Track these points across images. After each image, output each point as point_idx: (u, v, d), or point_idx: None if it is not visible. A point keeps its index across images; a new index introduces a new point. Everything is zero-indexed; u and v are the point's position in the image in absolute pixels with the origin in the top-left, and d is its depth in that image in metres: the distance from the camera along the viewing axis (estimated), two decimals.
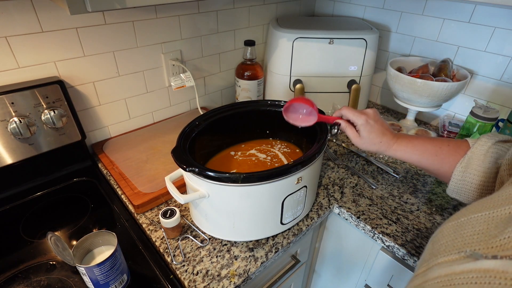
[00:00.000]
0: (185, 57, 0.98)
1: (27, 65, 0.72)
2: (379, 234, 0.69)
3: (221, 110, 0.75)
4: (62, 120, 0.74)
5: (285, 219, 0.65)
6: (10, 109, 0.67)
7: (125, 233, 0.68)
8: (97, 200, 0.76)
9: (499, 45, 0.90)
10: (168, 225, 0.63)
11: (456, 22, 0.96)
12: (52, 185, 0.79)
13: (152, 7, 0.84)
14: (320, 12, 1.31)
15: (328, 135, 0.67)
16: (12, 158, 0.71)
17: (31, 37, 0.70)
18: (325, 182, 0.84)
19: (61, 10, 0.71)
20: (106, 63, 0.83)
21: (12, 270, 0.58)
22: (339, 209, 0.76)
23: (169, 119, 1.04)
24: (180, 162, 0.56)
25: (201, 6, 0.94)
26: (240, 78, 1.03)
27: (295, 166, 0.57)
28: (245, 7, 1.06)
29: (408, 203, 0.77)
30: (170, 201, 0.75)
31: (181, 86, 0.97)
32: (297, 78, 1.03)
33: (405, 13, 1.06)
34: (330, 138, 1.01)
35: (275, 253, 0.64)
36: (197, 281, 0.58)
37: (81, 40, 0.76)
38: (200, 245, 0.65)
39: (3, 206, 0.73)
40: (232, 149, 0.81)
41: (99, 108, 0.87)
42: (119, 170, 0.80)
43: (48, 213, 0.72)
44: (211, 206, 0.61)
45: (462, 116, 1.05)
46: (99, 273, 0.50)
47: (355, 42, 0.99)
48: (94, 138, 0.90)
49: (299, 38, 0.98)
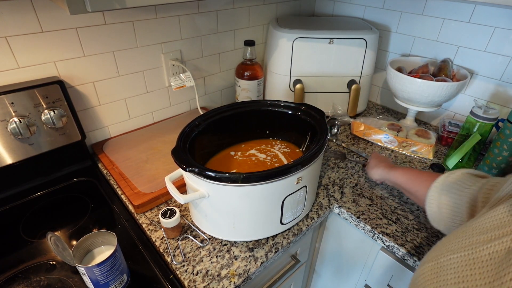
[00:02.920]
0: (185, 57, 0.98)
1: (27, 65, 0.72)
2: (379, 234, 0.69)
3: (221, 110, 0.75)
4: (62, 120, 0.74)
5: (285, 219, 0.65)
6: (10, 109, 0.67)
7: (125, 233, 0.68)
8: (97, 200, 0.76)
9: (499, 45, 0.90)
10: (168, 225, 0.63)
11: (456, 22, 0.96)
12: (52, 185, 0.79)
13: (152, 7, 0.84)
14: (320, 12, 1.31)
15: (328, 135, 0.67)
16: (12, 158, 0.71)
17: (31, 37, 0.70)
18: (325, 182, 0.84)
19: (61, 10, 0.71)
20: (106, 63, 0.83)
21: (12, 270, 0.58)
22: (339, 209, 0.76)
23: (169, 119, 1.04)
24: (180, 162, 0.56)
25: (201, 6, 0.94)
26: (240, 78, 1.03)
27: (295, 166, 0.57)
28: (245, 7, 1.06)
29: (408, 203, 0.77)
30: (170, 201, 0.75)
31: (181, 86, 0.97)
32: (297, 78, 1.03)
33: (405, 13, 1.06)
34: (330, 138, 1.01)
35: (275, 253, 0.64)
36: (197, 281, 0.58)
37: (81, 40, 0.76)
38: (200, 245, 0.65)
39: (3, 206, 0.73)
40: (232, 149, 0.81)
41: (99, 108, 0.87)
42: (119, 170, 0.80)
43: (48, 213, 0.72)
44: (211, 206, 0.61)
45: (462, 116, 1.05)
46: (99, 273, 0.50)
47: (355, 42, 0.99)
48: (94, 138, 0.90)
49: (299, 38, 0.98)
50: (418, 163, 0.91)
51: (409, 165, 0.90)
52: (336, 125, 1.03)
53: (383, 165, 0.75)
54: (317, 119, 0.71)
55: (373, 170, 0.77)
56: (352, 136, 1.03)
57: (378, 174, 0.76)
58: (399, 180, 0.68)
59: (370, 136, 1.00)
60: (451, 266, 0.33)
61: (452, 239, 0.36)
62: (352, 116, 1.08)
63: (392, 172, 0.71)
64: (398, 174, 0.69)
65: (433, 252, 0.37)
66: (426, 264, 0.37)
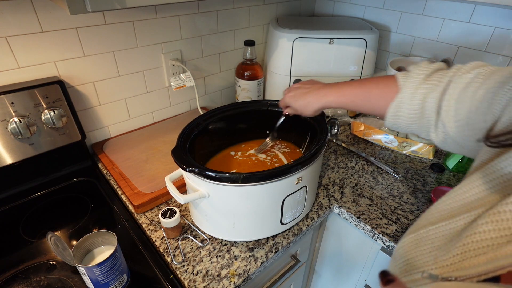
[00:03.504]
0: (185, 57, 0.98)
1: (27, 65, 0.72)
2: (379, 234, 0.69)
3: (221, 110, 0.75)
4: (62, 120, 0.74)
5: (285, 219, 0.65)
6: (10, 109, 0.67)
7: (125, 233, 0.68)
8: (97, 200, 0.76)
9: (499, 45, 0.90)
10: (168, 225, 0.63)
11: (456, 22, 0.96)
12: (52, 185, 0.79)
13: (152, 7, 0.84)
14: (320, 12, 1.31)
15: (328, 135, 0.67)
16: (12, 158, 0.71)
17: (31, 37, 0.70)
18: (325, 182, 0.84)
19: (61, 10, 0.71)
20: (106, 63, 0.83)
21: (12, 270, 0.58)
22: (339, 209, 0.76)
23: (169, 119, 1.04)
24: (180, 162, 0.56)
25: (201, 6, 0.94)
26: (240, 78, 1.03)
27: (295, 166, 0.57)
28: (245, 7, 1.06)
29: (408, 203, 0.77)
30: (170, 201, 0.75)
31: (181, 86, 0.97)
32: (297, 78, 1.03)
33: (405, 13, 1.06)
34: (330, 138, 1.01)
35: (275, 253, 0.64)
36: (197, 281, 0.58)
37: (81, 40, 0.76)
38: (200, 245, 0.65)
39: (3, 206, 0.73)
40: (232, 149, 0.81)
41: (99, 108, 0.87)
42: (119, 170, 0.80)
43: (48, 213, 0.72)
44: (211, 206, 0.61)
45: None
46: (99, 273, 0.50)
47: (355, 42, 0.99)
48: (94, 138, 0.90)
49: (299, 38, 0.98)
50: (418, 163, 0.91)
51: (409, 165, 0.90)
52: (336, 125, 1.03)
53: (317, 86, 0.63)
54: (317, 119, 0.71)
55: (302, 98, 0.63)
56: (352, 136, 1.03)
57: (308, 108, 0.62)
58: (346, 105, 0.58)
59: (370, 136, 1.00)
60: (430, 237, 0.34)
61: (433, 211, 0.37)
62: (352, 116, 1.08)
63: (324, 98, 0.60)
64: (339, 97, 0.59)
65: (414, 226, 0.38)
66: (406, 237, 0.38)
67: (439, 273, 0.30)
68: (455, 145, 0.46)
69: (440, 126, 0.46)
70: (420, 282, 0.31)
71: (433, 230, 0.34)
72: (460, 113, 0.42)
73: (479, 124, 0.39)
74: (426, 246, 0.34)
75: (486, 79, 0.40)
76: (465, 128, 0.42)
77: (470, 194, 0.34)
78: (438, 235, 0.33)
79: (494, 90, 0.37)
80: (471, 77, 0.42)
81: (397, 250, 0.38)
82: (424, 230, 0.35)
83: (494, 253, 0.26)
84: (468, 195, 0.34)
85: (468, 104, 0.41)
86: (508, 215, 0.27)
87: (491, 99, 0.37)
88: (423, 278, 0.31)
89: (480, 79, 0.41)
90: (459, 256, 0.29)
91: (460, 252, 0.29)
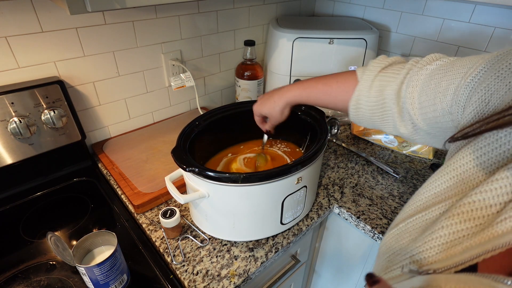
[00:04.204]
0: (185, 57, 0.98)
1: (27, 65, 0.72)
2: (379, 234, 0.69)
3: (221, 110, 0.75)
4: (62, 120, 0.74)
5: (285, 219, 0.65)
6: (10, 109, 0.67)
7: (125, 233, 0.68)
8: (97, 200, 0.76)
9: (499, 45, 0.90)
10: (168, 225, 0.63)
11: (456, 22, 0.96)
12: (52, 185, 0.79)
13: (152, 7, 0.84)
14: (320, 12, 1.31)
15: (328, 135, 0.67)
16: (12, 158, 0.71)
17: (31, 37, 0.70)
18: (325, 182, 0.84)
19: (61, 10, 0.71)
20: (106, 63, 0.83)
21: (12, 270, 0.58)
22: (339, 209, 0.76)
23: (169, 119, 1.04)
24: (180, 162, 0.56)
25: (201, 6, 0.94)
26: (240, 78, 1.03)
27: (295, 166, 0.57)
28: (245, 7, 1.06)
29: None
30: (170, 201, 0.75)
31: (181, 86, 0.97)
32: (297, 78, 1.03)
33: (405, 13, 1.06)
34: (330, 138, 1.01)
35: (275, 253, 0.64)
36: (197, 281, 0.58)
37: (81, 40, 0.76)
38: (200, 245, 0.65)
39: (3, 206, 0.73)
40: (232, 149, 0.81)
41: (99, 108, 0.87)
42: (119, 170, 0.80)
43: (48, 213, 0.72)
44: (211, 206, 0.61)
45: None
46: (99, 273, 0.50)
47: (355, 42, 0.99)
48: (94, 138, 0.90)
49: (299, 38, 0.98)
50: (418, 163, 0.91)
51: (409, 165, 0.90)
52: (336, 125, 1.03)
53: (281, 87, 0.64)
54: (317, 119, 0.71)
55: (268, 101, 0.65)
56: (352, 136, 1.04)
57: (275, 109, 0.64)
58: (307, 100, 0.60)
59: (370, 136, 1.00)
60: (408, 230, 0.34)
61: (411, 204, 0.37)
62: None
63: (287, 94, 0.62)
64: (300, 92, 0.61)
65: (395, 221, 0.38)
66: (388, 232, 0.38)
67: (418, 266, 0.30)
68: (429, 137, 0.46)
69: (406, 118, 0.46)
70: (400, 278, 0.31)
71: (411, 223, 0.34)
72: (425, 105, 0.42)
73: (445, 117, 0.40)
74: (404, 240, 0.34)
75: (447, 71, 0.40)
76: (432, 120, 0.42)
77: (442, 182, 0.34)
78: (416, 227, 0.34)
79: (457, 82, 0.38)
80: (432, 69, 0.43)
81: (381, 248, 0.38)
82: (403, 224, 0.35)
83: (469, 242, 0.27)
84: (441, 183, 0.34)
85: (432, 96, 0.41)
86: (477, 205, 0.28)
87: (455, 90, 0.37)
88: (403, 274, 0.31)
89: (442, 71, 0.41)
90: (436, 248, 0.29)
91: (437, 244, 0.29)
